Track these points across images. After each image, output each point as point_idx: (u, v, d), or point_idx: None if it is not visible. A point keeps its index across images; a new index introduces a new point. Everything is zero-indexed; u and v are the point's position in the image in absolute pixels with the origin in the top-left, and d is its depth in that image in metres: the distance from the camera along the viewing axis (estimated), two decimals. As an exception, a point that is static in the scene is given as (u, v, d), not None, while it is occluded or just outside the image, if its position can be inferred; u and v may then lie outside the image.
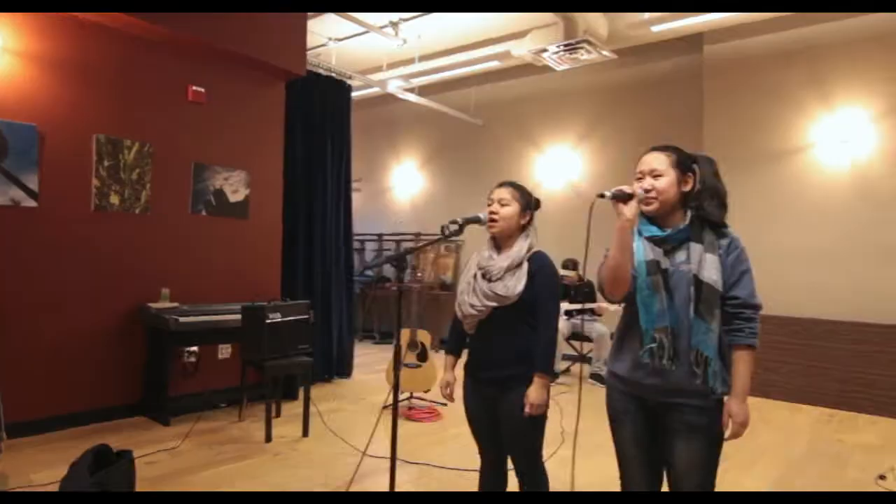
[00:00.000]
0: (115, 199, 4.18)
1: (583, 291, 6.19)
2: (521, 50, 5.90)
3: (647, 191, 1.88)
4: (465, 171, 8.10)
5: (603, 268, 1.95)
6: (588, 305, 6.08)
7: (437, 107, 7.45)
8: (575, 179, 7.23)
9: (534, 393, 2.16)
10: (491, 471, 2.39)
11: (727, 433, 1.83)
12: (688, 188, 1.89)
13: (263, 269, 5.03)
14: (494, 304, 2.22)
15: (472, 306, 2.27)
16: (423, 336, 4.90)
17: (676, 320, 1.83)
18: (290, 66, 5.03)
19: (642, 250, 1.91)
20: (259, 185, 5.03)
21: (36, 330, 3.81)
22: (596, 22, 5.52)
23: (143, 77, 4.31)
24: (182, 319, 4.07)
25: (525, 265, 2.25)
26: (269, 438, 3.85)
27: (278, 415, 4.42)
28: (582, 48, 5.24)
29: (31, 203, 3.79)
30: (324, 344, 5.59)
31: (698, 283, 1.80)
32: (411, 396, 4.90)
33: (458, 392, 2.39)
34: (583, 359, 6.36)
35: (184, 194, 4.56)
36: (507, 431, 2.26)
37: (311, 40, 6.84)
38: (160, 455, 3.50)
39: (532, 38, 6.01)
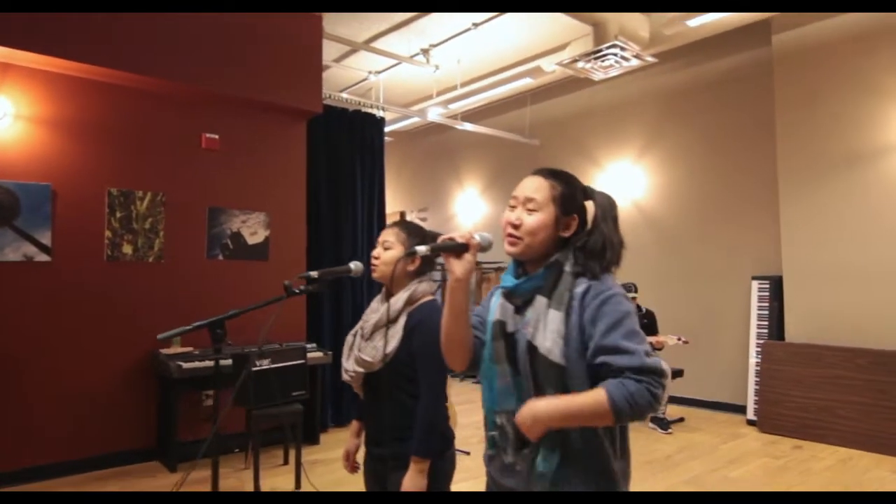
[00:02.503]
0: (127, 249, 4.34)
1: (641, 322, 5.51)
2: (550, 65, 5.47)
3: (513, 226, 1.42)
4: (524, 194, 7.68)
5: None
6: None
7: (489, 131, 7.16)
8: (638, 197, 6.55)
9: (406, 482, 1.78)
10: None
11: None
12: (568, 233, 1.42)
13: (286, 311, 4.98)
14: (361, 370, 1.89)
15: (346, 370, 1.95)
16: (443, 378, 4.56)
17: (522, 401, 1.36)
18: (306, 104, 5.02)
19: (494, 307, 1.47)
20: (279, 226, 5.03)
21: (52, 378, 4.00)
22: (630, 24, 4.97)
23: (155, 130, 4.47)
24: (185, 366, 4.09)
25: (401, 320, 1.89)
26: (256, 490, 3.72)
27: (286, 462, 4.29)
28: (613, 55, 4.71)
29: (45, 258, 4.02)
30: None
31: (532, 350, 1.34)
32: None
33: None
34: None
35: (199, 240, 4.65)
36: (396, 518, 1.90)
37: (352, 76, 6.92)
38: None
39: (568, 51, 5.56)
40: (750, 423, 5.33)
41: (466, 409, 5.78)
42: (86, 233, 4.18)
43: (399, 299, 1.92)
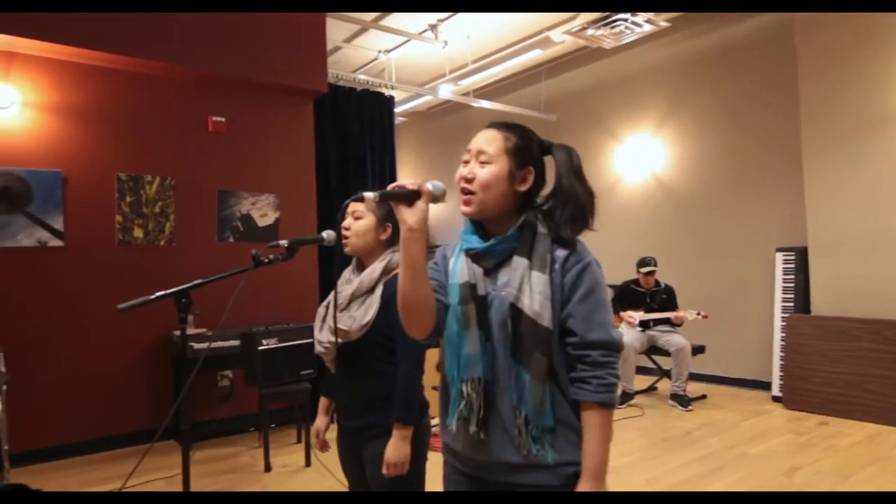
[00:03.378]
0: (138, 233, 4.39)
1: (659, 297, 5.38)
2: (560, 35, 5.31)
3: (466, 180, 1.34)
4: (542, 171, 7.56)
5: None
6: (662, 315, 5.25)
7: (504, 108, 7.04)
8: (657, 169, 6.37)
9: (390, 449, 1.75)
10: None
11: None
12: (525, 187, 1.36)
13: (298, 292, 5.00)
14: (338, 339, 1.85)
15: (320, 342, 1.92)
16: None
17: (492, 368, 1.32)
18: (312, 84, 4.99)
19: (458, 269, 1.40)
20: (290, 207, 5.03)
21: (67, 360, 4.09)
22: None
23: (162, 114, 4.50)
24: (197, 346, 4.14)
25: (378, 290, 1.85)
26: (267, 468, 3.75)
27: (299, 440, 4.33)
28: (622, 20, 4.54)
29: (58, 242, 4.09)
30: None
31: (516, 313, 1.29)
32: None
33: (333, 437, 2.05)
34: (665, 374, 5.52)
35: (209, 222, 4.69)
36: (375, 488, 1.87)
37: (363, 56, 6.85)
38: (158, 483, 3.55)
39: (578, 20, 5.39)
40: (775, 399, 5.17)
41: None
42: (97, 218, 4.24)
43: (375, 269, 1.87)
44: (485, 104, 6.96)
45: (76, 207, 4.16)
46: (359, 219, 1.89)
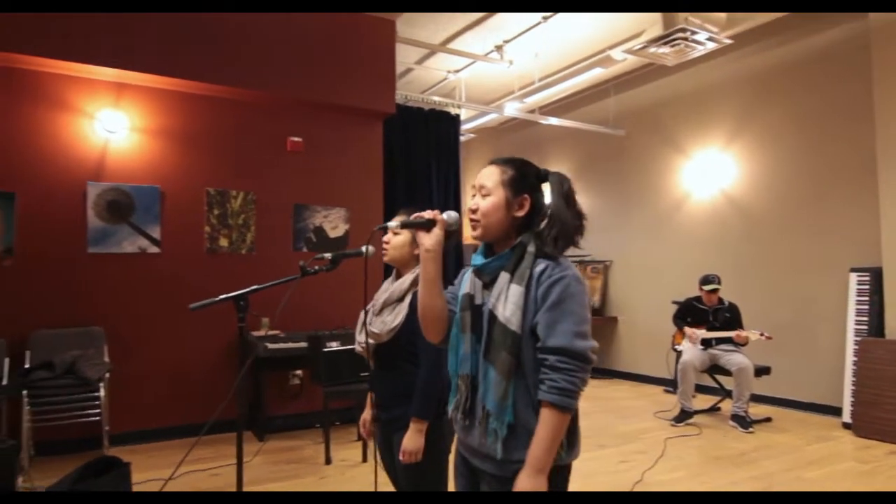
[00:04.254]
0: (224, 242, 4.88)
1: (723, 316, 5.30)
2: (620, 54, 5.39)
3: (472, 211, 1.59)
4: (610, 185, 7.57)
5: None
6: (725, 334, 5.16)
7: (572, 124, 7.15)
8: (726, 185, 6.25)
9: (406, 439, 1.99)
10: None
11: None
12: (522, 212, 1.55)
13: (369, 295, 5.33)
14: (371, 341, 2.11)
15: (358, 342, 2.18)
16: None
17: (478, 366, 1.53)
18: (381, 106, 5.36)
19: (465, 283, 1.65)
20: (358, 220, 5.40)
21: (160, 354, 4.61)
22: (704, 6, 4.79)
23: (246, 135, 4.99)
24: (270, 346, 4.54)
25: (407, 298, 2.09)
26: (328, 461, 4.07)
27: (360, 437, 4.63)
28: (682, 39, 4.58)
29: (156, 249, 4.64)
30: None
31: (491, 319, 1.50)
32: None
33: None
34: (728, 394, 5.40)
35: (286, 233, 5.13)
36: (400, 474, 2.11)
37: (434, 76, 7.18)
38: (227, 468, 3.94)
39: (643, 37, 5.45)
40: (845, 426, 4.94)
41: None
42: (188, 228, 4.77)
43: (406, 280, 2.12)
44: (553, 121, 7.10)
45: (171, 219, 4.70)
46: (397, 234, 2.15)
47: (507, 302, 1.47)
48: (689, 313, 5.48)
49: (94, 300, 4.42)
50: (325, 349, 4.13)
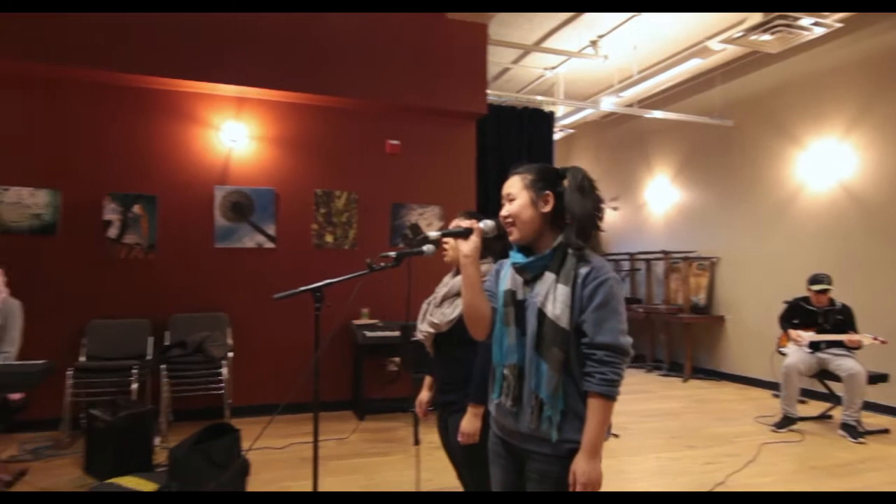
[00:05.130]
0: (329, 238, 5.35)
1: (834, 318, 4.96)
2: (717, 45, 5.19)
3: (504, 218, 1.78)
4: (717, 178, 7.25)
5: None
6: (834, 337, 4.84)
7: (675, 116, 6.94)
8: (845, 177, 5.80)
9: (464, 422, 2.19)
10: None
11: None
12: (548, 208, 1.71)
13: (457, 292, 5.61)
14: (432, 330, 2.34)
15: (420, 331, 2.42)
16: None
17: (524, 358, 1.70)
18: (473, 107, 5.58)
19: (506, 279, 1.82)
20: (452, 217, 5.62)
21: (275, 337, 5.16)
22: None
23: (349, 140, 5.43)
24: (369, 334, 4.94)
25: (463, 293, 2.30)
26: (416, 441, 4.38)
27: (448, 424, 4.91)
28: (784, 26, 4.36)
29: (271, 245, 5.20)
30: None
31: (541, 316, 1.66)
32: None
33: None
34: (839, 402, 5.05)
35: (384, 230, 5.51)
36: (453, 454, 2.34)
37: (531, 74, 7.28)
38: (329, 443, 4.37)
39: (746, 24, 5.22)
40: (979, 442, 4.47)
41: (629, 399, 5.81)
42: (299, 226, 5.28)
43: (460, 278, 2.33)
44: (657, 114, 6.93)
45: (284, 217, 5.24)
46: (494, 232, 2.37)
47: (556, 301, 1.63)
48: (796, 314, 5.18)
49: (219, 289, 5.05)
50: (413, 338, 4.43)
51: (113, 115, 4.82)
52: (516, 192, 1.73)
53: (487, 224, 1.85)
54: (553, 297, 1.64)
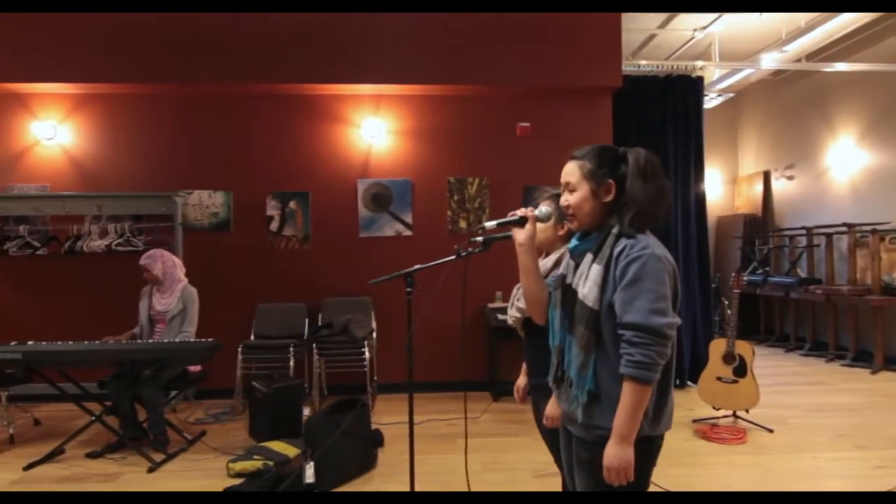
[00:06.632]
0: (463, 224, 5.51)
1: None
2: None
3: (565, 208, 1.73)
4: (917, 137, 6.14)
5: None
6: None
7: (861, 66, 6.00)
8: None
9: (549, 406, 2.19)
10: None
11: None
12: (609, 197, 1.64)
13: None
14: (518, 315, 2.35)
15: (509, 315, 2.44)
16: (743, 348, 4.35)
17: (565, 339, 1.70)
18: (606, 81, 5.35)
19: (563, 264, 1.82)
20: (587, 198, 5.49)
21: (416, 319, 5.45)
22: None
23: (480, 127, 5.52)
24: (501, 317, 5.02)
25: (552, 276, 2.28)
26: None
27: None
28: None
29: (409, 233, 5.49)
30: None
31: (572, 296, 1.65)
32: (734, 415, 4.43)
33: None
34: None
35: (517, 214, 5.52)
36: (544, 434, 2.36)
37: (676, 39, 6.75)
38: (460, 420, 4.55)
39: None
40: None
41: (798, 390, 5.21)
42: (434, 213, 5.51)
43: (550, 259, 2.31)
44: (840, 66, 6.03)
45: (420, 206, 5.50)
46: (549, 218, 2.36)
47: (587, 280, 1.60)
48: None
49: (364, 275, 5.40)
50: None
51: (270, 122, 5.42)
52: (575, 181, 1.68)
53: (542, 211, 1.83)
54: (585, 276, 1.60)
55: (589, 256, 1.63)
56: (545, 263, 2.31)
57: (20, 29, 5.03)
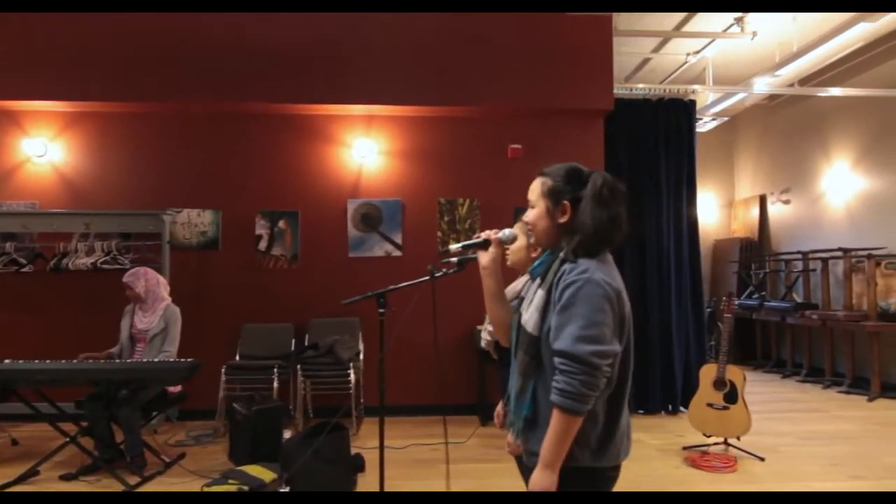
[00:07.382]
0: (452, 245, 5.45)
1: None
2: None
3: (527, 223, 1.70)
4: (911, 162, 6.12)
5: None
6: None
7: (853, 92, 6.01)
8: None
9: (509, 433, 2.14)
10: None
11: None
12: (564, 219, 1.58)
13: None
14: (489, 338, 2.30)
15: (483, 339, 2.39)
16: (734, 374, 4.27)
17: (512, 363, 1.67)
18: (598, 104, 5.35)
19: (523, 286, 1.81)
20: (578, 220, 5.46)
21: (402, 342, 5.36)
22: None
23: (470, 148, 5.51)
24: (489, 339, 4.94)
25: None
26: (532, 451, 4.28)
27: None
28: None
29: (398, 253, 5.45)
30: (663, 375, 5.45)
31: (517, 322, 1.62)
32: (725, 442, 4.33)
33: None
34: None
35: (508, 235, 5.47)
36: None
37: (672, 62, 6.78)
38: (443, 446, 4.45)
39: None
40: None
41: (792, 417, 5.11)
42: (424, 234, 5.47)
43: (520, 281, 2.28)
44: (835, 91, 6.04)
45: (410, 226, 5.47)
46: (514, 240, 2.31)
47: (530, 305, 1.56)
48: None
49: (352, 295, 5.38)
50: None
51: (260, 141, 5.41)
52: (535, 198, 1.65)
53: (505, 234, 1.78)
54: (531, 300, 1.57)
55: (537, 280, 1.60)
56: (515, 285, 2.27)
57: (13, 47, 5.06)
